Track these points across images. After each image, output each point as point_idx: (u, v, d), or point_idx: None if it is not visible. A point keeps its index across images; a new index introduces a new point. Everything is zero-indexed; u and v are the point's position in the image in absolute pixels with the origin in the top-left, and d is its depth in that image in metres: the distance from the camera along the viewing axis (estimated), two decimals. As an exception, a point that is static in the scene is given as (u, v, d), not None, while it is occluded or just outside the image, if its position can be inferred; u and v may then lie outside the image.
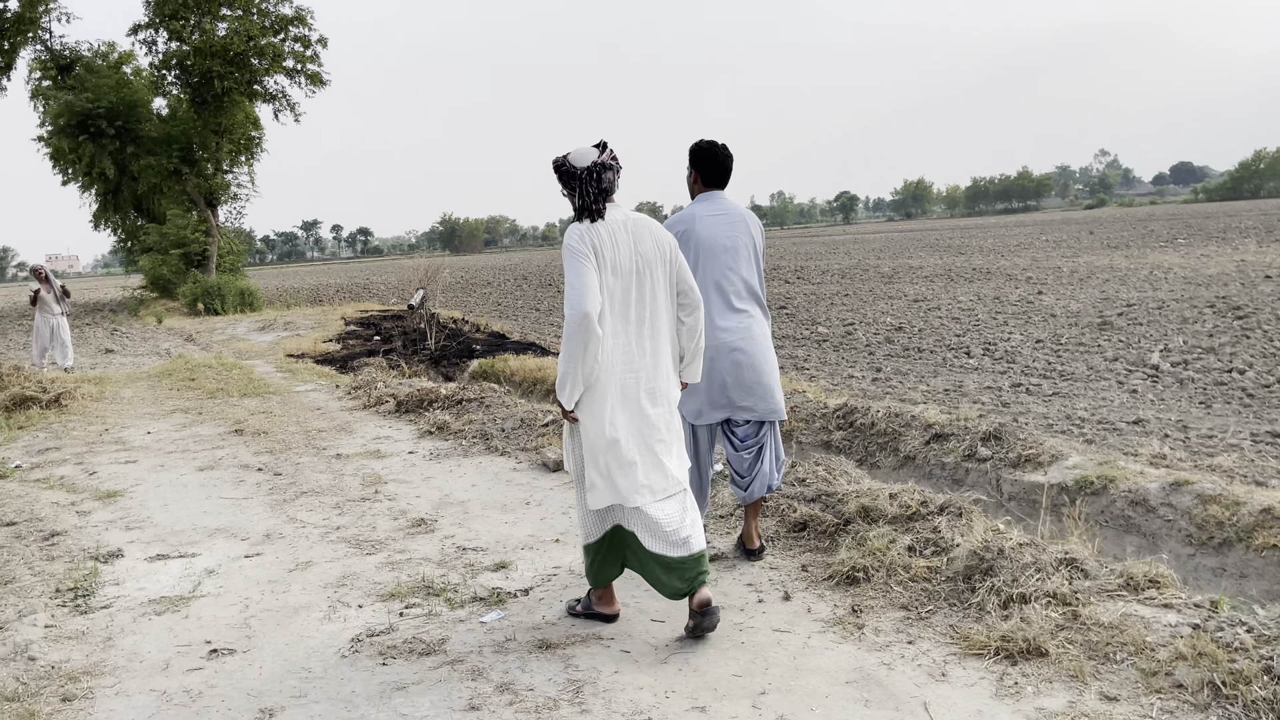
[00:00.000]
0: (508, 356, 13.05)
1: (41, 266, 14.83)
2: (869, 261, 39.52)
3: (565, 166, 3.53)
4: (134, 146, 29.54)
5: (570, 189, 3.54)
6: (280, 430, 8.41)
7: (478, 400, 8.17)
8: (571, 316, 3.34)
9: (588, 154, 3.54)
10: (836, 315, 19.05)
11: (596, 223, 3.48)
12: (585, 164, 3.50)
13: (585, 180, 3.48)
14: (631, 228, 3.55)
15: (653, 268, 3.55)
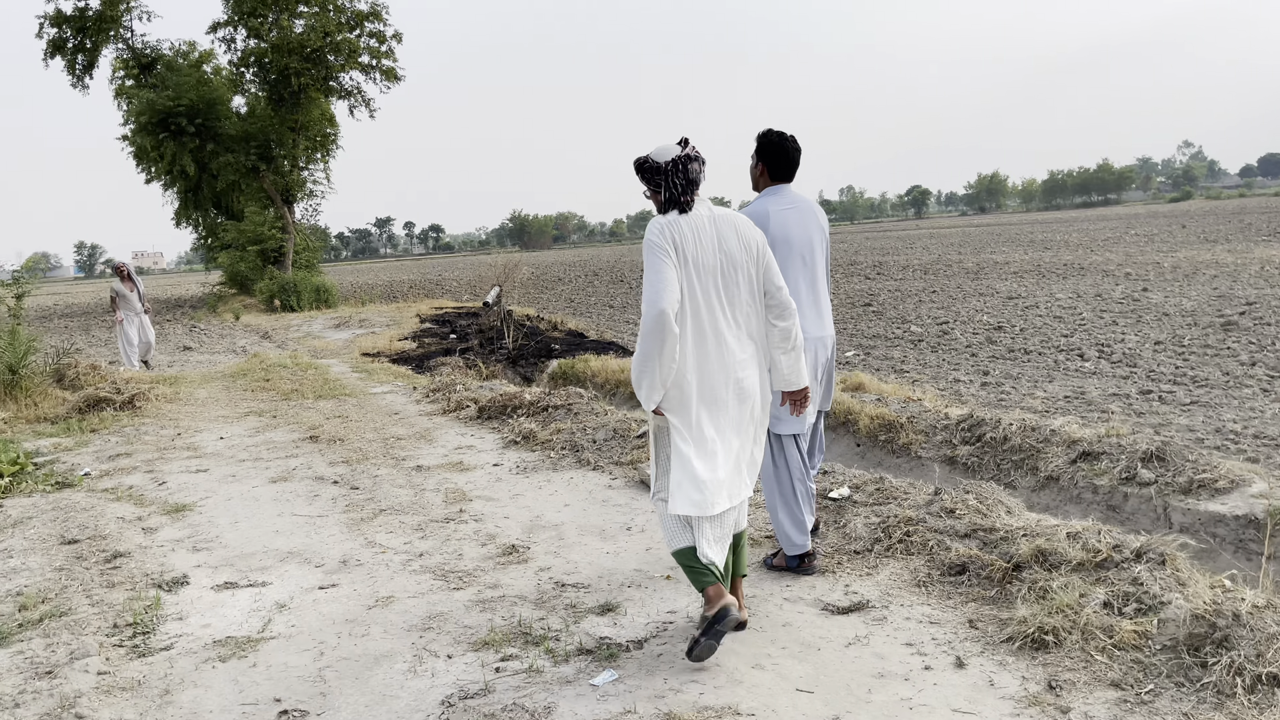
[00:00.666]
0: (588, 357, 12.50)
1: (124, 263, 14.31)
2: (950, 256, 38.22)
3: (648, 163, 3.44)
4: (213, 144, 29.77)
5: (655, 185, 3.44)
6: (357, 437, 7.95)
7: (565, 407, 7.60)
8: (648, 314, 3.24)
9: (670, 149, 3.43)
10: (927, 313, 18.13)
11: (680, 217, 3.38)
12: (669, 158, 3.40)
13: (671, 173, 3.39)
14: (717, 223, 3.43)
15: (738, 266, 3.42)
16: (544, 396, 7.86)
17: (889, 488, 5.12)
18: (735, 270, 3.41)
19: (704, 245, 3.36)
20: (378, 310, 23.51)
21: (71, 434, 8.93)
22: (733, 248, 3.42)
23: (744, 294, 3.42)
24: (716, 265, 3.38)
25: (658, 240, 3.31)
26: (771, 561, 4.33)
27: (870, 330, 16.35)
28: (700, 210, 3.43)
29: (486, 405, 8.14)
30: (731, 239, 3.43)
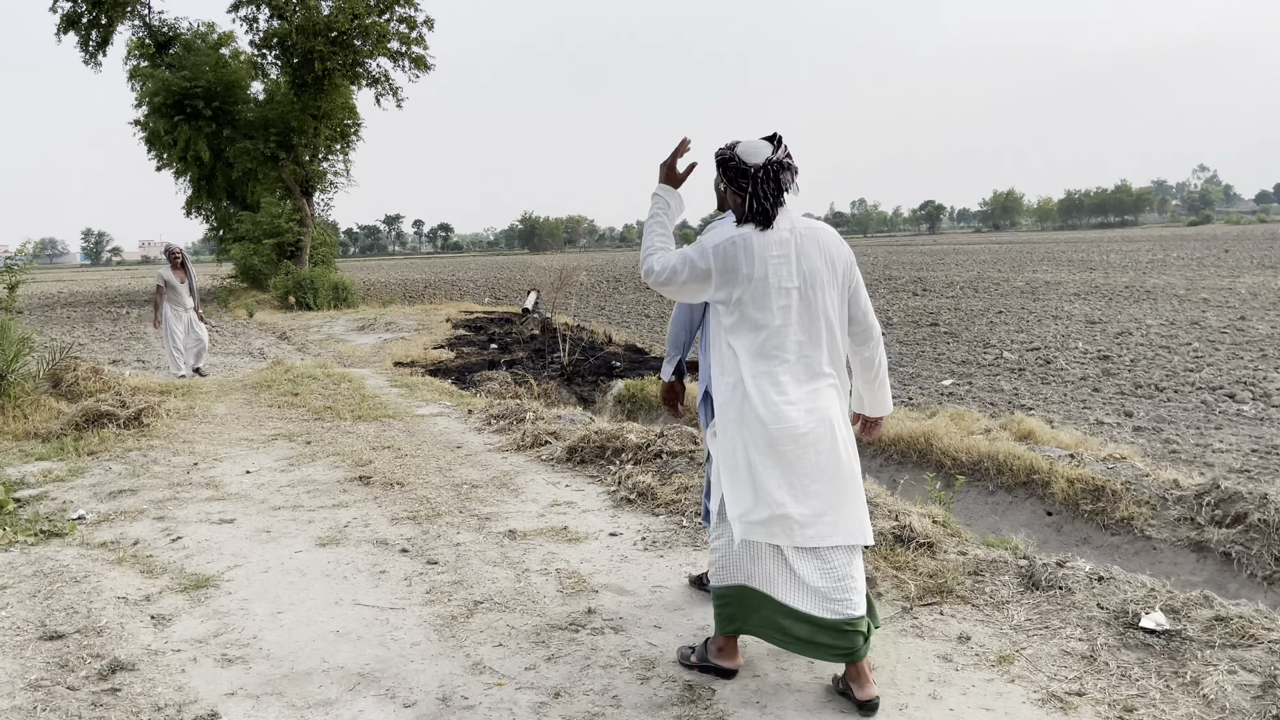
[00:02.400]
0: (657, 379, 10.93)
1: (179, 249, 12.30)
2: (991, 274, 36.73)
3: (734, 162, 3.10)
4: (230, 129, 28.27)
5: (739, 188, 3.10)
6: (418, 480, 6.40)
7: (685, 454, 6.03)
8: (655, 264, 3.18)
9: (760, 149, 3.11)
10: (1008, 337, 16.59)
11: (755, 233, 3.06)
12: (759, 160, 3.07)
13: (761, 180, 3.06)
14: (798, 238, 3.09)
15: (818, 286, 3.08)
16: (654, 438, 6.30)
17: (1232, 616, 3.56)
18: (814, 291, 3.06)
19: (776, 266, 3.03)
20: (402, 312, 21.96)
21: (66, 457, 7.40)
22: (815, 266, 3.07)
23: (827, 316, 3.07)
24: (793, 286, 3.04)
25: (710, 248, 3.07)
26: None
27: (954, 355, 14.79)
28: (780, 223, 3.08)
29: (578, 445, 6.58)
30: (815, 257, 3.08)
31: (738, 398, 3.05)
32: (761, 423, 2.99)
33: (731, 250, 3.03)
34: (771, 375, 3.01)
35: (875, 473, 7.40)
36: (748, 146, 3.12)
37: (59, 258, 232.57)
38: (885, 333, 18.57)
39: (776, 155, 3.08)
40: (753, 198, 3.05)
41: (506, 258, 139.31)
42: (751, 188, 3.05)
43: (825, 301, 3.06)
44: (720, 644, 3.38)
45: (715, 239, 3.09)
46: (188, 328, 12.36)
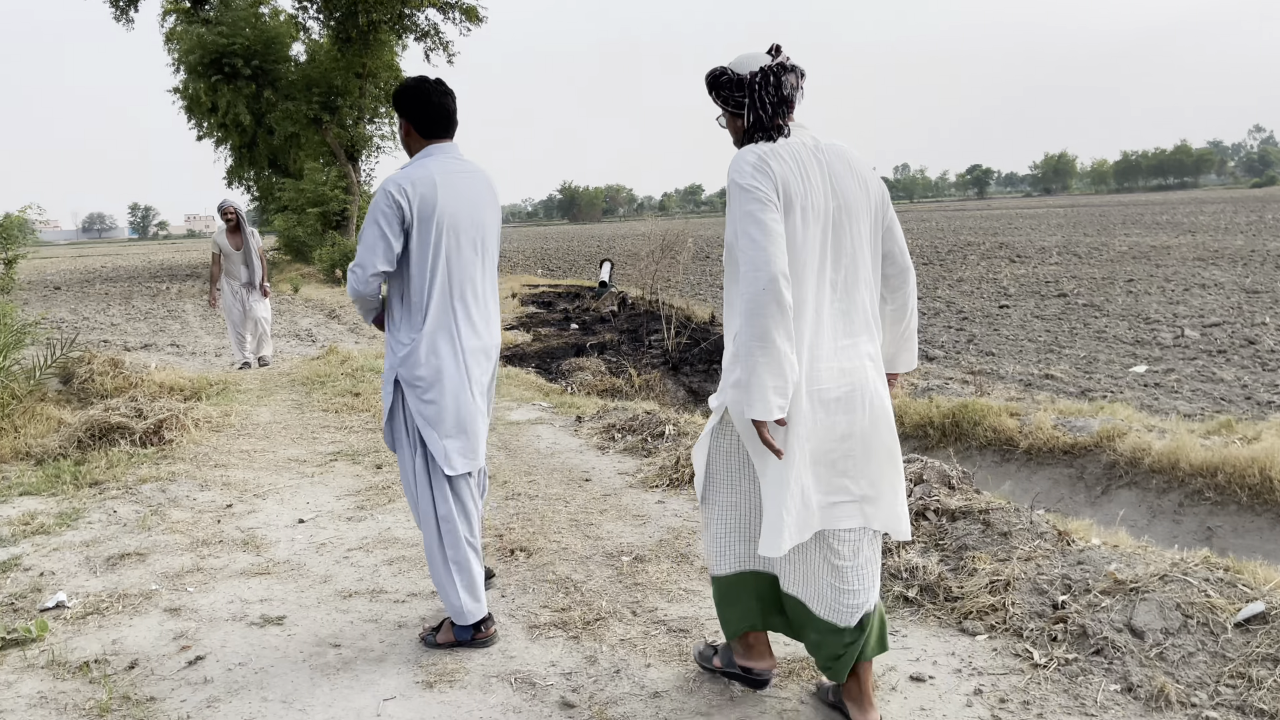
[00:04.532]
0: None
1: (232, 205, 9.80)
2: (1079, 238, 34.04)
3: (727, 76, 2.57)
4: (270, 91, 26.37)
5: (735, 105, 2.56)
6: (549, 541, 4.38)
7: (973, 514, 3.92)
8: (754, 283, 2.34)
9: (757, 58, 2.57)
10: (1165, 310, 14.27)
11: (775, 146, 2.47)
12: (755, 68, 2.53)
13: (759, 87, 2.51)
14: (825, 156, 2.52)
15: (855, 216, 2.53)
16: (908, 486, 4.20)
17: None
18: (850, 220, 2.52)
19: (812, 184, 2.46)
20: (460, 286, 20.00)
21: (59, 490, 5.50)
22: (849, 190, 2.53)
23: (863, 252, 2.55)
24: (827, 213, 2.49)
25: (752, 182, 2.40)
26: (435, 639, 3.32)
27: (1117, 333, 12.51)
28: (800, 138, 2.52)
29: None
30: (846, 178, 2.53)
31: None
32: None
33: (769, 163, 2.43)
34: (803, 330, 2.46)
35: (1174, 514, 5.28)
36: (742, 59, 2.59)
37: (107, 232, 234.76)
38: (1007, 304, 16.30)
39: (778, 60, 2.54)
40: (752, 108, 2.50)
41: (547, 228, 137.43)
42: (749, 97, 2.51)
43: (858, 233, 2.55)
44: (749, 639, 2.85)
45: (743, 167, 2.44)
46: (245, 308, 10.06)
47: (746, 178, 2.42)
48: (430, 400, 3.11)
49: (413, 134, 3.23)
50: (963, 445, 6.69)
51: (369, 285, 3.08)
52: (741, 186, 2.42)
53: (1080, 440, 5.99)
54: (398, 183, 3.05)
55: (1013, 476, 6.24)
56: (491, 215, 3.28)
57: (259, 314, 10.21)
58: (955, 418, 6.77)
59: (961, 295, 18.22)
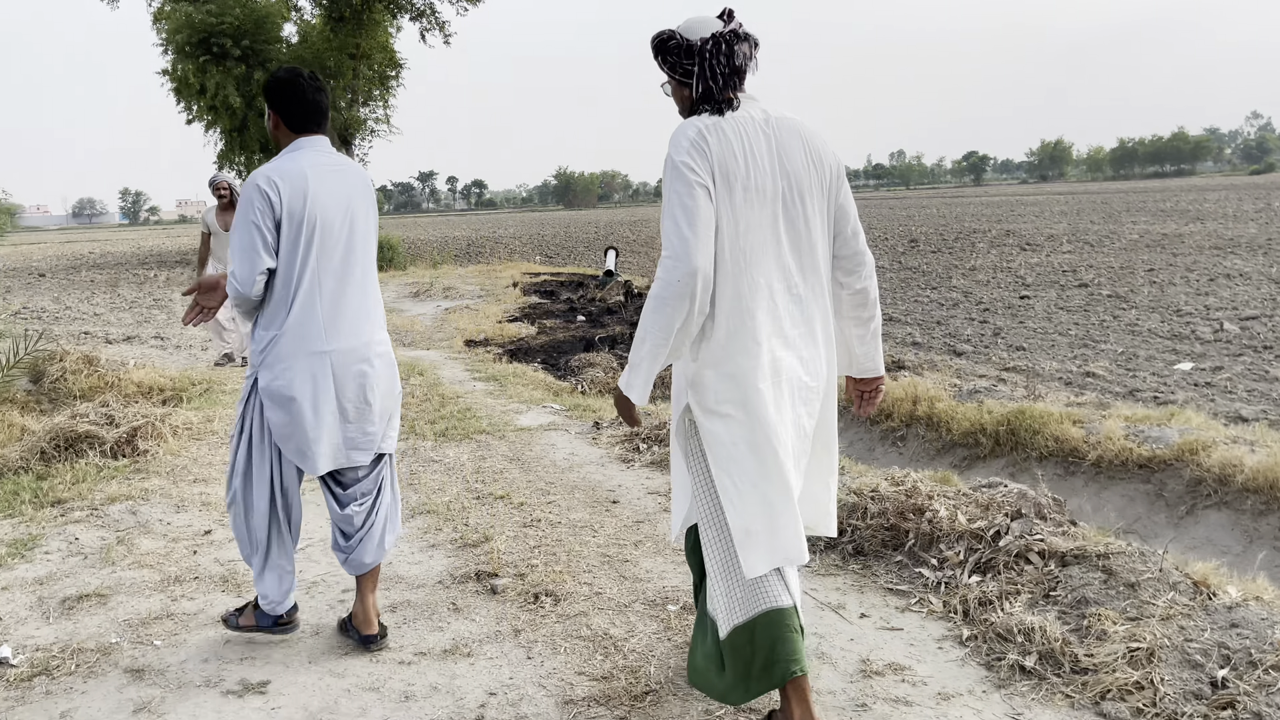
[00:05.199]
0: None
1: (225, 180, 8.86)
2: (1087, 226, 33.46)
3: (675, 41, 2.38)
4: (261, 72, 25.56)
5: (683, 74, 2.38)
6: (577, 579, 3.75)
7: (1086, 558, 3.29)
8: (670, 272, 2.21)
9: (708, 23, 2.38)
10: (1194, 300, 13.68)
11: (720, 120, 2.31)
12: (706, 34, 2.36)
13: (710, 55, 2.33)
14: (776, 131, 2.36)
15: (804, 193, 2.37)
16: (999, 516, 3.57)
17: None
18: (802, 200, 2.36)
19: (757, 162, 2.31)
20: (457, 275, 19.34)
21: (17, 511, 4.86)
22: (798, 166, 2.35)
23: (815, 233, 2.40)
24: (775, 191, 2.33)
25: (686, 159, 2.25)
26: (238, 621, 3.30)
27: (1150, 326, 11.90)
28: (749, 111, 2.36)
29: (840, 521, 3.90)
30: (797, 154, 2.36)
31: (716, 358, 2.32)
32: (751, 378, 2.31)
33: (708, 138, 2.27)
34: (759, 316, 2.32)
35: (1274, 540, 4.68)
36: (691, 23, 2.39)
37: (98, 217, 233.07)
38: (1028, 294, 15.70)
39: (730, 27, 2.36)
40: (701, 78, 2.32)
41: (543, 214, 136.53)
42: (700, 64, 2.32)
43: (810, 213, 2.37)
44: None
45: (680, 142, 2.28)
46: None
47: (681, 153, 2.27)
48: (283, 401, 3.00)
49: (282, 127, 3.12)
50: (1019, 456, 6.09)
51: (257, 286, 2.95)
52: (674, 163, 2.26)
53: (1159, 453, 5.39)
54: (267, 176, 2.94)
55: (1079, 493, 5.64)
56: (364, 212, 3.15)
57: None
58: (1010, 425, 6.17)
59: (978, 285, 17.61)
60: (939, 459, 6.54)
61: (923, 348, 11.33)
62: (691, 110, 2.39)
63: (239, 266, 2.93)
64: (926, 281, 18.59)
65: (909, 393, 7.07)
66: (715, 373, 2.34)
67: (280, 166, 2.99)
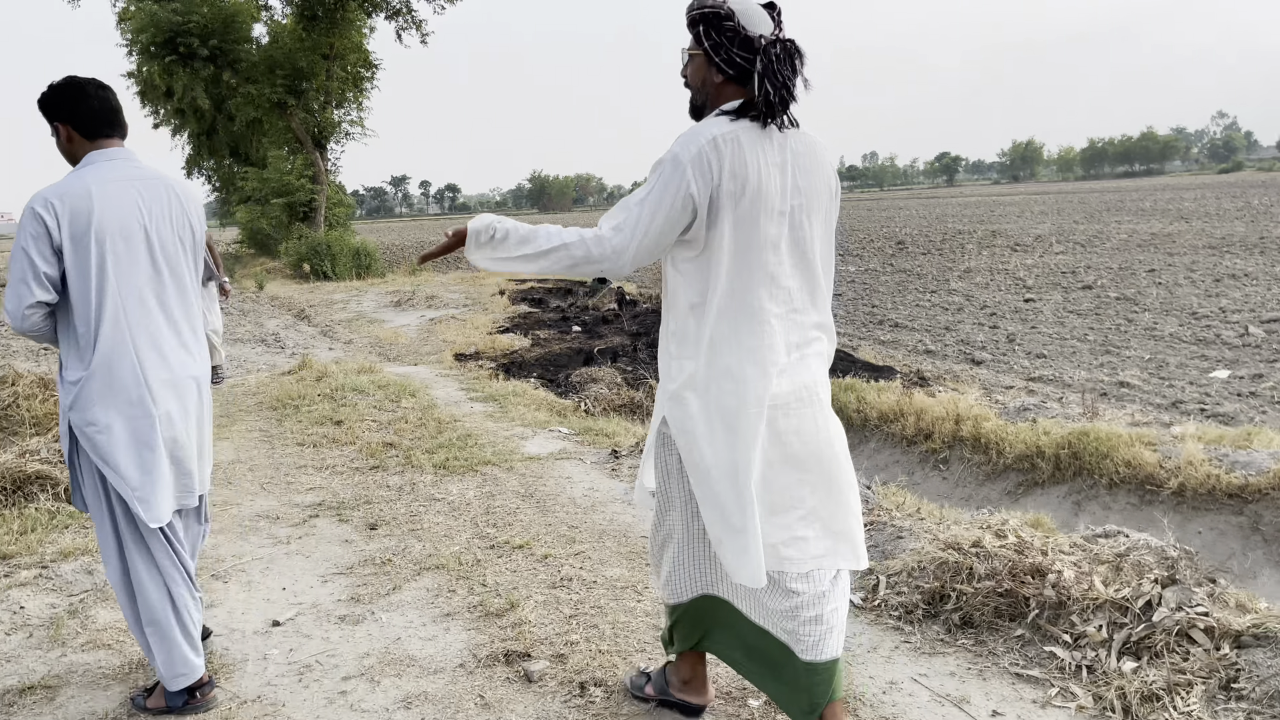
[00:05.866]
0: (853, 383, 7.62)
1: None
2: (1071, 226, 33.25)
3: (731, 23, 2.15)
4: (230, 73, 24.72)
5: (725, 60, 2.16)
6: (629, 660, 3.12)
7: (1267, 643, 2.70)
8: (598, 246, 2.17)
9: (762, 17, 2.18)
10: (1205, 302, 13.23)
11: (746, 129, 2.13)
12: (767, 31, 2.16)
13: (777, 60, 2.13)
14: (795, 144, 2.20)
15: (813, 214, 2.24)
16: (1148, 588, 2.97)
17: None
18: (810, 220, 2.24)
19: (770, 176, 2.14)
20: (439, 282, 18.61)
21: (-49, 572, 4.16)
22: (812, 184, 2.22)
23: (819, 256, 2.27)
24: (785, 210, 2.19)
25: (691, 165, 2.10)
26: (145, 703, 2.93)
27: (1170, 331, 11.42)
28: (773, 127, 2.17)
29: (943, 587, 3.27)
30: (814, 173, 2.22)
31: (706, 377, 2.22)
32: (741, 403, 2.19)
33: (720, 156, 2.10)
34: (755, 340, 2.20)
35: None
36: (749, 10, 2.16)
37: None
38: (1033, 298, 15.22)
39: (781, 32, 2.19)
40: (764, 79, 2.10)
41: (518, 218, 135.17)
42: (762, 66, 2.11)
43: (814, 235, 2.26)
44: (685, 672, 2.65)
45: (690, 145, 2.11)
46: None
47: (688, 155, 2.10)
48: (105, 447, 2.70)
49: (75, 139, 2.80)
50: (1085, 483, 5.51)
51: (29, 321, 2.64)
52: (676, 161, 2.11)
53: (1252, 481, 4.82)
54: (44, 198, 2.64)
55: (1157, 524, 5.06)
56: (172, 225, 2.83)
57: (210, 321, 8.24)
58: (1073, 448, 5.59)
59: (977, 288, 17.13)
60: (990, 485, 5.96)
61: (937, 356, 10.78)
62: (704, 99, 2.25)
63: (8, 299, 2.61)
64: (924, 285, 18.09)
65: (949, 411, 6.48)
66: (699, 393, 2.23)
67: (61, 188, 2.68)
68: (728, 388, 2.20)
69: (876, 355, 10.19)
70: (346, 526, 4.71)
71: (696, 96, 2.27)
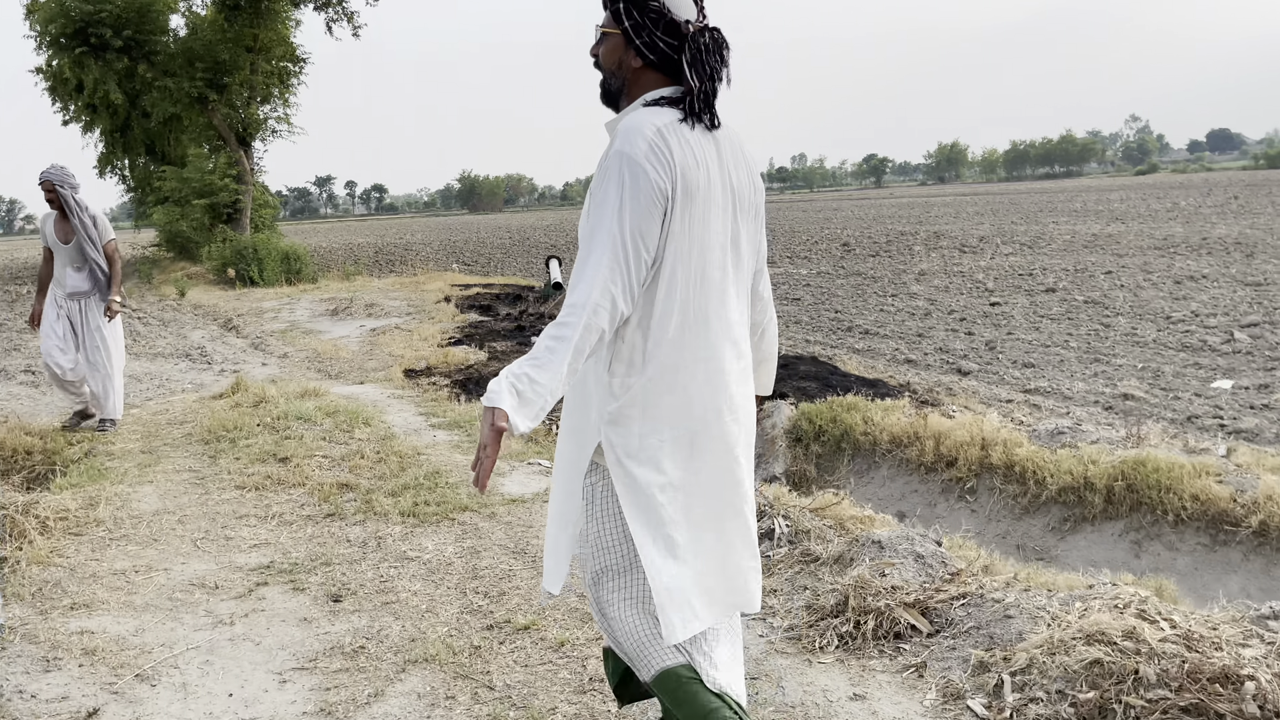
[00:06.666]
0: (855, 401, 6.95)
1: (58, 176, 6.40)
2: (1009, 227, 33.39)
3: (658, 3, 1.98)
4: (146, 66, 23.23)
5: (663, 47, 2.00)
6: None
7: None
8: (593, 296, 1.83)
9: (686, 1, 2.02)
10: (1176, 306, 12.95)
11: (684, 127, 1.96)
12: (692, 16, 2.02)
13: (706, 50, 2.00)
14: (721, 140, 2.05)
15: (744, 212, 2.11)
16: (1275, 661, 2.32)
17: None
18: (744, 219, 2.11)
19: (710, 173, 1.99)
20: (377, 288, 17.56)
21: None
22: (742, 181, 2.09)
23: (748, 258, 2.14)
24: (726, 208, 2.05)
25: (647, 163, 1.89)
26: None
27: (1162, 338, 11.03)
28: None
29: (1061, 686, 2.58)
30: (741, 168, 2.09)
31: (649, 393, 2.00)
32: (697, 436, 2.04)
33: (669, 147, 1.92)
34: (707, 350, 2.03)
35: None
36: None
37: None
38: (997, 300, 14.84)
39: (708, 22, 2.05)
40: (693, 69, 1.97)
41: (447, 218, 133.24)
42: (690, 55, 1.98)
43: (746, 235, 2.11)
44: None
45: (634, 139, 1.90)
46: (76, 330, 6.57)
47: (639, 153, 1.88)
48: None
49: None
50: (1144, 519, 4.92)
51: None
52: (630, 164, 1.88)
53: (1350, 520, 4.27)
54: None
55: (1238, 569, 4.49)
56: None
57: (104, 340, 6.59)
58: (1127, 480, 4.99)
59: (938, 291, 16.73)
60: (1029, 520, 5.34)
61: (919, 366, 10.23)
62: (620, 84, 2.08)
63: None
64: (881, 288, 17.65)
65: (973, 434, 5.85)
66: (644, 411, 2.01)
67: None
68: (681, 399, 2.02)
69: (859, 366, 9.59)
70: (303, 598, 3.87)
71: (611, 80, 2.10)
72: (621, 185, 1.89)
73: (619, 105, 2.10)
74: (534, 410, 1.82)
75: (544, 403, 1.83)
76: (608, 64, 2.09)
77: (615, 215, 1.88)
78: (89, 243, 6.52)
